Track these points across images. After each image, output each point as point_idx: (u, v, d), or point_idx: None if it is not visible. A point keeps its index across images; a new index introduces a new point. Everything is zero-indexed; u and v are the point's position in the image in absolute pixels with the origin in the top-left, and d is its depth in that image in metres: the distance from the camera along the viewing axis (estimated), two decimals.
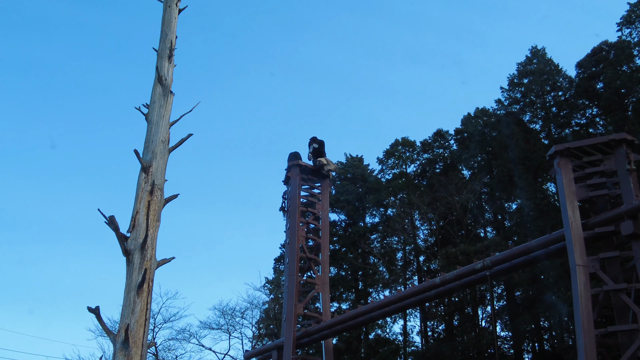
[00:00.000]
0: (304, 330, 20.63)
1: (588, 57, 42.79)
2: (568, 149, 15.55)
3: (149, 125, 9.98)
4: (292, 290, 20.52)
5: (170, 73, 10.55)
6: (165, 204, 9.56)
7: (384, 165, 50.65)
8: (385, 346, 41.35)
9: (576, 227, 14.79)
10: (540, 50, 46.04)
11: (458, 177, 44.92)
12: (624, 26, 41.89)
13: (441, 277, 18.10)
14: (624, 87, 38.94)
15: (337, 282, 44.26)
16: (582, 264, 14.45)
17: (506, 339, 40.82)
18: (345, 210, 48.55)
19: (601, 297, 14.84)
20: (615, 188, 15.25)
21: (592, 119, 42.76)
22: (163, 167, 9.72)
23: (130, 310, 8.47)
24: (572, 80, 43.93)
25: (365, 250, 46.86)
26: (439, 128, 49.84)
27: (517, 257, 16.81)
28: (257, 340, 43.41)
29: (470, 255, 32.76)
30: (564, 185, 15.21)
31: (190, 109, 10.31)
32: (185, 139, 10.08)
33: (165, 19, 11.05)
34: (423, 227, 47.41)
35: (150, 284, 8.80)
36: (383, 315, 21.33)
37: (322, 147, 23.16)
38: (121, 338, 8.24)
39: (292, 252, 21.11)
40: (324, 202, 22.66)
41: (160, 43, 10.79)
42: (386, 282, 44.64)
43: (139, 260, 8.78)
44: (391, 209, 48.24)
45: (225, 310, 44.84)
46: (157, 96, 10.23)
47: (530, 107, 44.99)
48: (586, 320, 14.02)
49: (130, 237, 8.95)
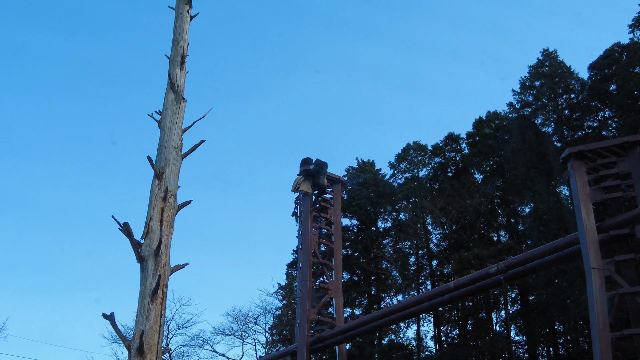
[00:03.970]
0: (317, 336, 20.61)
1: (600, 59, 42.54)
2: (582, 152, 15.46)
3: (162, 132, 10.03)
4: (305, 295, 20.50)
5: (183, 80, 10.61)
6: (179, 210, 9.59)
7: (396, 170, 50.59)
8: (398, 351, 41.20)
9: (591, 230, 14.70)
10: (552, 53, 45.84)
11: (470, 180, 44.76)
12: (635, 28, 41.63)
13: (455, 282, 18.03)
14: (636, 88, 38.69)
15: (350, 288, 44.17)
16: (597, 267, 14.35)
17: (521, 344, 40.55)
18: (357, 215, 48.48)
19: (617, 300, 14.72)
20: (630, 190, 15.14)
21: (605, 121, 42.49)
22: (176, 173, 9.75)
23: (144, 317, 8.49)
24: (585, 83, 43.69)
25: (378, 255, 46.75)
26: (451, 132, 49.80)
27: (531, 261, 16.73)
28: (270, 346, 43.38)
29: (484, 260, 32.61)
30: (578, 188, 15.12)
31: (203, 116, 10.36)
32: (198, 145, 10.13)
33: (177, 26, 11.12)
34: (435, 232, 47.29)
35: (165, 290, 8.82)
36: (396, 320, 21.27)
37: (320, 167, 23.16)
38: (136, 344, 8.26)
39: (304, 258, 21.11)
40: (336, 207, 22.66)
41: (172, 50, 10.85)
42: (399, 287, 44.49)
43: (153, 266, 8.81)
44: (403, 214, 48.14)
45: (238, 316, 44.96)
46: (169, 103, 10.29)
47: (542, 110, 44.76)
48: (602, 323, 13.91)
49: (144, 244, 8.99)
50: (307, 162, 22.68)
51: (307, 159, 22.87)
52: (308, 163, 22.65)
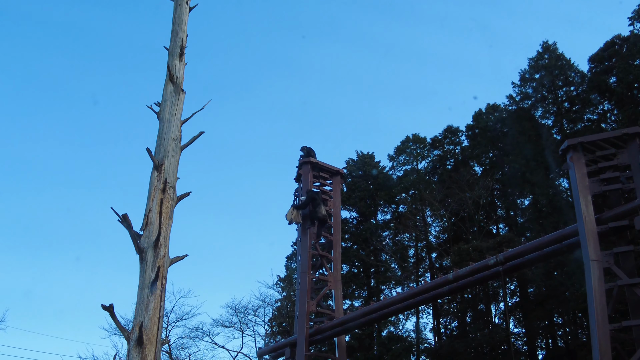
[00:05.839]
0: (316, 328, 20.64)
1: (600, 51, 42.47)
2: (581, 144, 15.45)
3: (161, 124, 10.03)
4: (304, 287, 20.52)
5: (182, 71, 10.60)
6: (178, 202, 9.60)
7: (395, 162, 50.60)
8: (397, 343, 41.27)
9: (590, 222, 14.71)
10: (551, 46, 45.76)
11: (470, 173, 44.77)
12: (635, 20, 41.55)
13: (454, 274, 18.04)
14: (636, 81, 38.65)
15: (349, 280, 44.22)
16: (596, 258, 14.37)
17: (520, 336, 40.68)
18: (356, 207, 48.51)
19: (615, 292, 14.75)
20: (629, 182, 15.15)
21: (605, 113, 42.46)
22: (175, 165, 9.76)
23: (144, 308, 8.51)
24: (584, 75, 43.62)
25: (377, 248, 46.81)
26: (450, 124, 49.78)
27: (530, 253, 16.74)
28: (269, 338, 43.48)
29: (483, 252, 32.65)
30: (577, 180, 15.12)
31: (202, 107, 10.36)
32: (197, 137, 10.14)
33: (176, 17, 11.10)
34: (435, 224, 47.33)
35: (164, 282, 8.84)
36: (395, 312, 21.29)
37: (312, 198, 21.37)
38: (135, 335, 8.28)
39: (304, 250, 21.12)
40: (335, 199, 22.64)
41: (171, 41, 10.84)
42: (398, 279, 44.55)
43: (152, 258, 8.82)
44: (403, 206, 48.17)
45: (237, 308, 45.02)
46: (168, 94, 10.28)
47: (542, 103, 44.72)
48: (600, 315, 13.95)
49: (143, 235, 9.00)
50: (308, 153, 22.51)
51: (308, 148, 22.68)
52: (309, 154, 22.47)
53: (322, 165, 22.60)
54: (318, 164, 22.46)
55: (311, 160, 22.28)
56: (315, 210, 21.02)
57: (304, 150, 22.85)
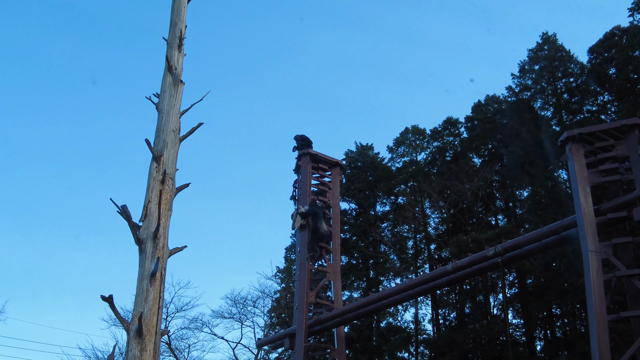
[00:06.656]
0: (315, 318, 20.67)
1: (600, 42, 42.39)
2: (580, 135, 15.43)
3: (160, 115, 10.02)
4: (303, 278, 20.55)
5: (180, 62, 10.58)
6: (177, 193, 9.61)
7: (394, 154, 50.61)
8: (396, 334, 41.40)
9: (588, 213, 14.71)
10: (551, 37, 45.66)
11: (469, 164, 44.77)
12: (635, 11, 41.46)
13: (453, 264, 18.06)
14: (635, 72, 38.60)
15: (348, 271, 44.31)
16: (595, 249, 14.38)
17: (518, 327, 40.80)
18: (355, 198, 48.53)
19: (614, 283, 14.78)
20: (628, 173, 15.14)
21: (604, 105, 42.43)
22: (174, 156, 9.76)
23: (143, 299, 8.53)
24: (584, 67, 43.56)
25: (376, 239, 46.87)
26: (449, 116, 49.76)
27: (528, 244, 16.76)
28: (269, 329, 43.59)
29: (482, 243, 32.70)
30: (576, 171, 15.12)
31: (201, 98, 10.35)
32: (196, 128, 10.13)
33: (175, 7, 11.07)
34: (434, 215, 47.38)
35: (163, 273, 8.86)
36: (394, 303, 21.31)
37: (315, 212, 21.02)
38: (135, 326, 8.31)
39: (303, 241, 21.13)
40: (334, 191, 22.64)
41: (170, 32, 10.81)
42: (397, 271, 44.63)
43: (152, 249, 8.84)
44: (402, 197, 48.19)
45: (237, 299, 45.13)
46: (167, 85, 10.27)
47: (541, 94, 44.67)
48: (598, 306, 13.97)
49: (142, 226, 9.02)
50: (307, 144, 22.44)
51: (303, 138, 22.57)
52: (308, 145, 22.41)
53: (321, 157, 22.57)
54: (317, 156, 22.43)
55: (310, 151, 22.25)
56: (317, 226, 20.77)
57: (298, 139, 22.67)
